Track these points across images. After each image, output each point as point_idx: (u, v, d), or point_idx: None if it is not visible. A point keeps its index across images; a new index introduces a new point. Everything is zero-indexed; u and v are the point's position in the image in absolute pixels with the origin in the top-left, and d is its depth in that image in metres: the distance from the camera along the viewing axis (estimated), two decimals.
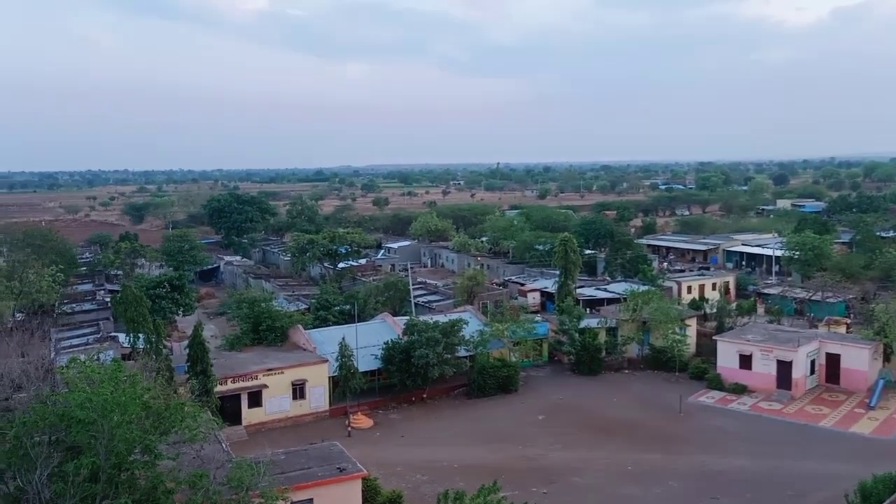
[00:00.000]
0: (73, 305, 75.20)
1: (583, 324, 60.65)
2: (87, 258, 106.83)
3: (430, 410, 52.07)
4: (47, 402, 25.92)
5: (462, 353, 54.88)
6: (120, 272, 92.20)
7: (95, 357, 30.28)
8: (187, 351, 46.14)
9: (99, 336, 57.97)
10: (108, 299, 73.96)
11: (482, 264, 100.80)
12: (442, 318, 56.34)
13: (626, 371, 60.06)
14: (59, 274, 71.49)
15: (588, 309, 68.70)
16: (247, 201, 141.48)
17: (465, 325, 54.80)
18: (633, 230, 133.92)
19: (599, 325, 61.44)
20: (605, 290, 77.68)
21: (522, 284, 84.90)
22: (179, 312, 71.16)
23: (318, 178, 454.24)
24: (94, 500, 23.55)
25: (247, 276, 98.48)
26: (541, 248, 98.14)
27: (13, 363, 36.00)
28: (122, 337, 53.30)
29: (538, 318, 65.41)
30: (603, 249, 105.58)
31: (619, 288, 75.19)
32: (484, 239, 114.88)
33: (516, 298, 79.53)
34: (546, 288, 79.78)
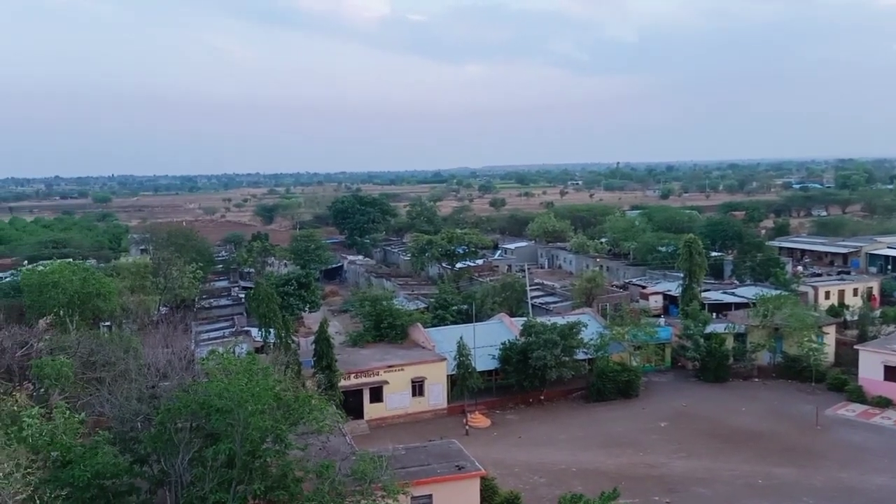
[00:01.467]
0: (211, 301, 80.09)
1: (709, 329, 58.25)
2: (223, 256, 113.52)
3: (547, 412, 51.67)
4: (189, 391, 27.81)
5: (581, 355, 54.12)
6: (252, 270, 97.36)
7: (232, 350, 32.11)
8: (313, 346, 48.06)
9: (234, 330, 61.43)
10: (241, 295, 78.28)
11: (601, 266, 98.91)
12: (560, 320, 55.78)
13: (756, 379, 57.09)
14: (198, 271, 76.47)
15: (714, 314, 65.87)
16: (369, 203, 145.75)
17: (583, 328, 54.03)
18: (763, 232, 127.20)
19: (727, 331, 58.80)
20: (733, 294, 74.21)
21: (644, 287, 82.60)
22: (306, 309, 74.33)
23: (436, 180, 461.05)
24: (230, 485, 25.05)
25: (369, 275, 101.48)
26: (663, 249, 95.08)
27: (159, 354, 38.87)
28: (254, 331, 56.34)
29: (660, 321, 63.44)
30: (730, 252, 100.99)
31: (749, 292, 71.61)
32: (603, 240, 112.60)
33: (637, 301, 77.44)
34: (669, 291, 77.23)
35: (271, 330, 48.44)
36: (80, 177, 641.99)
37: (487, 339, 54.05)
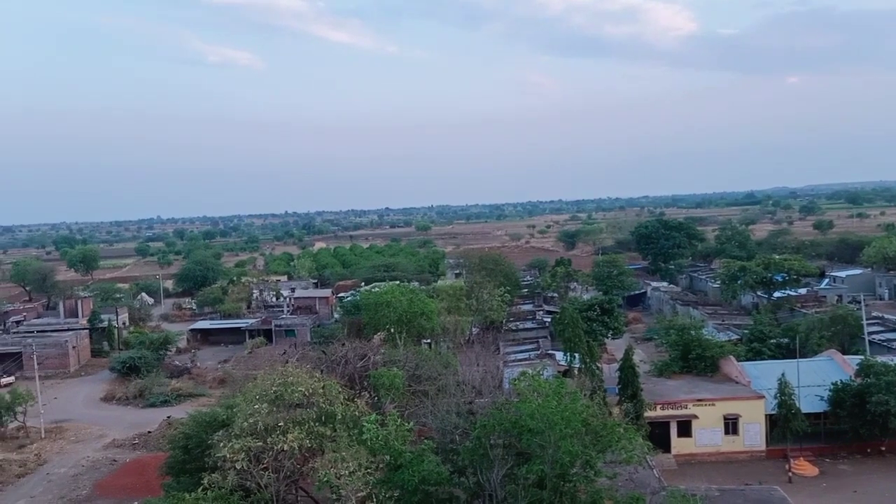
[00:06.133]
0: (517, 323, 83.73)
1: None
2: (528, 281, 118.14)
3: (890, 466, 44.80)
4: (502, 409, 29.24)
5: None
6: (555, 294, 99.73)
7: (539, 372, 33.11)
8: (618, 374, 47.50)
9: (538, 352, 63.45)
10: (546, 319, 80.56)
11: None
12: None
13: None
14: (506, 294, 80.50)
15: None
16: (674, 227, 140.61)
17: None
18: None
19: None
20: None
21: None
22: (609, 335, 73.84)
23: (748, 202, 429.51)
24: None
25: (674, 302, 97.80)
26: None
27: (474, 371, 41.62)
28: (558, 355, 57.48)
29: None
30: None
31: None
32: None
33: None
34: None
35: (576, 355, 48.95)
36: (406, 207, 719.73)
37: (814, 378, 48.73)
